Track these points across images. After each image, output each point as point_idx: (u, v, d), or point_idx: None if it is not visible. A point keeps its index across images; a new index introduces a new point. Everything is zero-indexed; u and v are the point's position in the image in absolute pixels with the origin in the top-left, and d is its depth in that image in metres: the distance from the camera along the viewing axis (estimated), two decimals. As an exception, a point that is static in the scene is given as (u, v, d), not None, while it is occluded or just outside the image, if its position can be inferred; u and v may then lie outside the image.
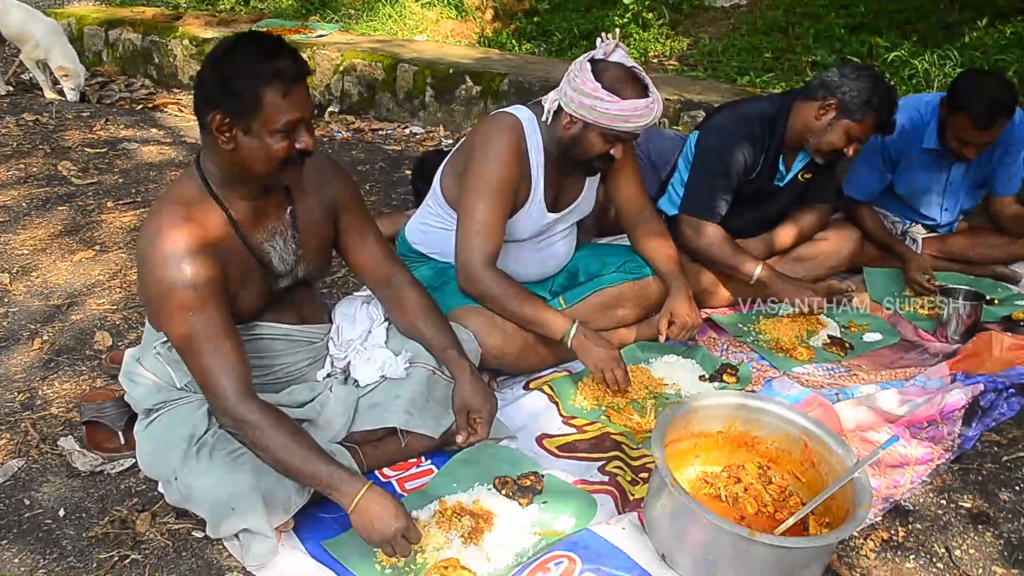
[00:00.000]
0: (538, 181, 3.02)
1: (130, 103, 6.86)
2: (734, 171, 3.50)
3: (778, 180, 3.64)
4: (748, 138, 3.50)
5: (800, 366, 3.32)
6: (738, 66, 6.38)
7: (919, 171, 3.94)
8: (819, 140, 3.45)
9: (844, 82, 3.38)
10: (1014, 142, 3.88)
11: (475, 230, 2.92)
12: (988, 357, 3.33)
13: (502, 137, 2.91)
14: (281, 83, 2.17)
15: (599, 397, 3.06)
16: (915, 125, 3.87)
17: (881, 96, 3.34)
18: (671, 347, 3.38)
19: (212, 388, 2.26)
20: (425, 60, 6.19)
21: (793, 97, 3.56)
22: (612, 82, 2.80)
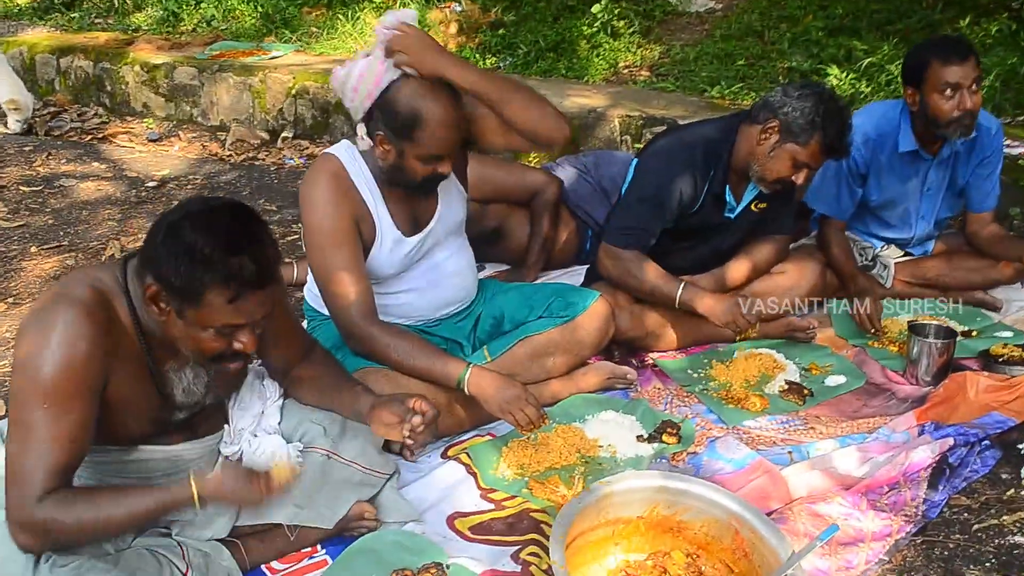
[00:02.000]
0: (379, 213, 2.78)
1: (80, 133, 6.59)
2: (669, 203, 3.18)
3: (728, 212, 3.32)
4: (688, 167, 3.18)
5: (752, 419, 3.00)
6: (709, 76, 6.04)
7: (893, 179, 3.61)
8: (763, 167, 3.13)
9: (787, 101, 3.06)
10: (991, 153, 3.56)
11: (337, 289, 2.70)
12: (963, 401, 3.01)
13: (317, 185, 2.71)
14: (232, 288, 1.88)
15: (524, 465, 2.75)
16: (882, 132, 3.55)
17: (828, 115, 3.01)
18: (609, 401, 3.07)
19: (14, 486, 1.94)
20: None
21: (740, 120, 3.23)
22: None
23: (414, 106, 2.55)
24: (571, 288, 3.19)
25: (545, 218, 3.92)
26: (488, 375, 2.70)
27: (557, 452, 2.80)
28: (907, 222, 3.73)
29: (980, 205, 3.68)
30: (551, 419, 2.95)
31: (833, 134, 3.03)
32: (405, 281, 2.92)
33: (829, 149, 3.06)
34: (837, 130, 3.03)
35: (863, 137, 3.54)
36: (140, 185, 5.34)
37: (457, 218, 2.98)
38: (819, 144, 3.04)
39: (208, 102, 6.46)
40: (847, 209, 3.65)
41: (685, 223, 3.27)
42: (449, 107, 2.57)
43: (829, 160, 3.45)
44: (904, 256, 3.82)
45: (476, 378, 2.69)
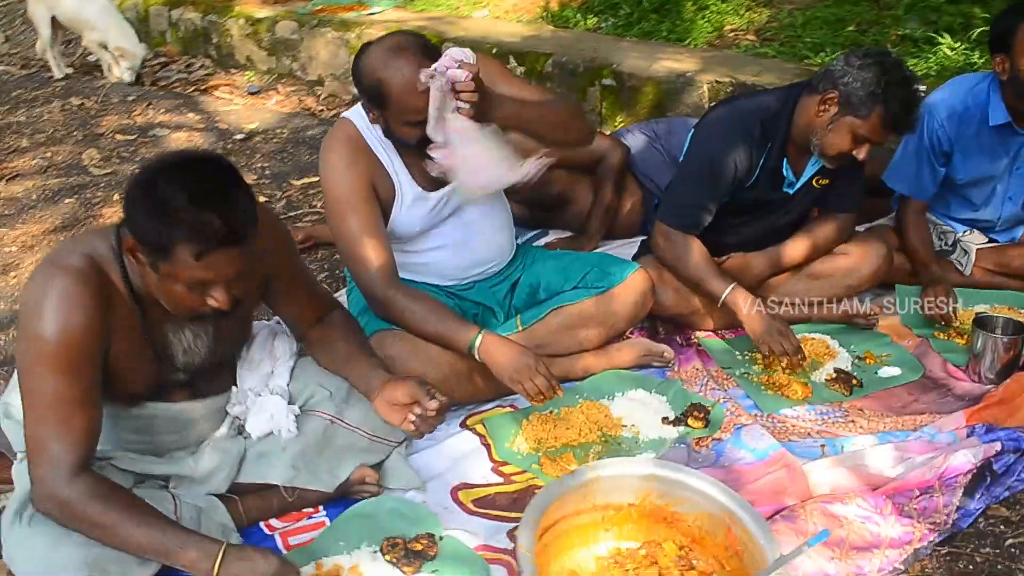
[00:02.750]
0: (397, 171, 2.73)
1: (185, 84, 6.72)
2: (723, 176, 3.01)
3: (787, 187, 3.13)
4: (743, 138, 3.00)
5: (791, 407, 2.83)
6: (814, 42, 5.74)
7: (981, 156, 3.36)
8: (822, 141, 2.94)
9: (848, 71, 2.86)
10: None
11: (356, 253, 2.67)
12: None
13: (332, 150, 2.69)
14: (198, 243, 1.85)
15: (541, 440, 2.67)
16: (970, 105, 3.30)
17: (891, 87, 2.80)
18: (643, 379, 2.95)
19: (39, 458, 1.97)
20: (470, 39, 5.80)
21: (800, 90, 3.04)
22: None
23: (376, 76, 2.52)
24: (611, 259, 3.07)
25: (608, 185, 3.80)
26: (500, 342, 2.63)
27: (577, 429, 2.71)
28: (993, 203, 3.46)
29: None
30: (578, 394, 2.88)
31: (896, 107, 2.82)
32: (434, 238, 2.86)
33: (892, 123, 2.85)
34: (901, 103, 2.82)
35: (949, 111, 3.30)
36: (228, 137, 5.41)
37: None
38: (880, 118, 2.83)
39: (307, 56, 6.49)
40: (928, 189, 3.41)
41: (741, 198, 3.10)
42: (411, 72, 2.47)
43: (908, 136, 3.25)
44: (988, 242, 3.55)
45: (488, 345, 2.62)
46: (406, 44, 2.55)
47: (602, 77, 5.23)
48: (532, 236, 3.98)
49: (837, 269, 3.22)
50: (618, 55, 5.35)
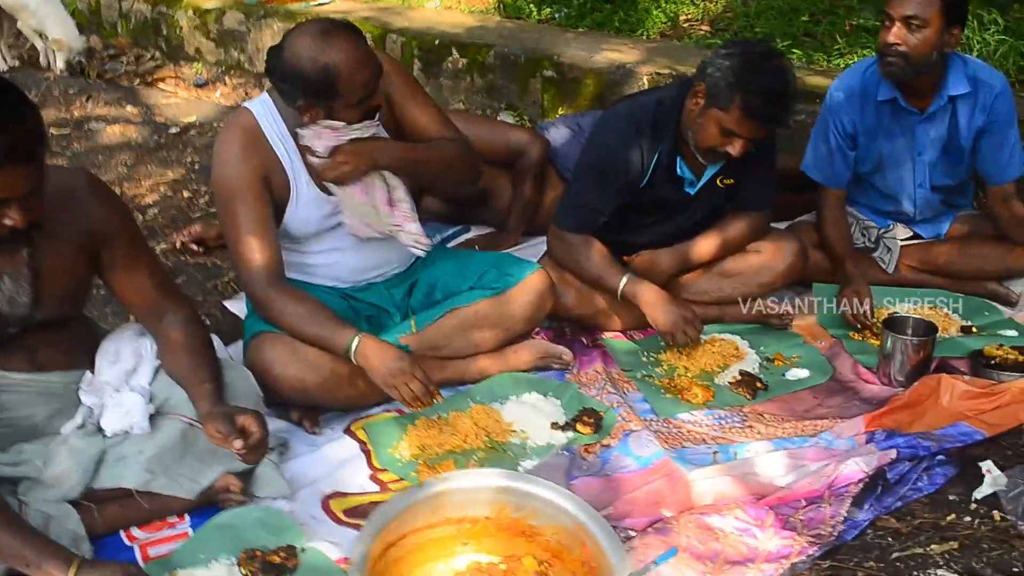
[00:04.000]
0: (295, 169, 2.63)
1: (131, 77, 6.60)
2: (614, 176, 2.91)
3: (688, 187, 3.01)
4: (634, 137, 2.90)
5: (688, 412, 2.73)
6: (764, 32, 5.63)
7: (880, 139, 3.26)
8: (695, 136, 2.84)
9: (714, 62, 2.75)
10: (997, 116, 3.17)
11: (240, 249, 2.56)
12: (932, 407, 2.69)
13: (227, 140, 2.60)
14: None
15: (424, 446, 2.56)
16: (867, 83, 3.21)
17: (752, 76, 2.67)
18: (540, 382, 2.84)
19: None
20: (413, 31, 5.69)
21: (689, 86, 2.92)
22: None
23: (322, 63, 2.40)
24: (511, 259, 2.96)
25: (527, 181, 3.69)
26: (378, 346, 2.53)
27: (463, 435, 2.61)
28: (903, 191, 3.34)
29: (994, 176, 3.28)
30: (471, 397, 2.78)
31: (755, 97, 2.67)
32: (329, 240, 2.76)
33: (754, 114, 2.70)
34: (761, 93, 2.67)
35: (848, 92, 3.23)
36: (163, 131, 5.30)
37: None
38: (740, 109, 2.70)
39: (254, 48, 6.37)
40: (842, 175, 3.31)
41: (641, 198, 3.00)
42: (354, 47, 2.44)
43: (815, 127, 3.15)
44: (913, 238, 3.43)
45: (365, 348, 2.52)
46: (329, 25, 2.47)
47: (543, 68, 5.11)
48: (453, 232, 3.87)
49: (749, 267, 3.11)
50: (561, 46, 5.23)
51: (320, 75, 2.40)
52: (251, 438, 2.16)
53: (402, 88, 2.76)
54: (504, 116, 5.18)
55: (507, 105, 5.29)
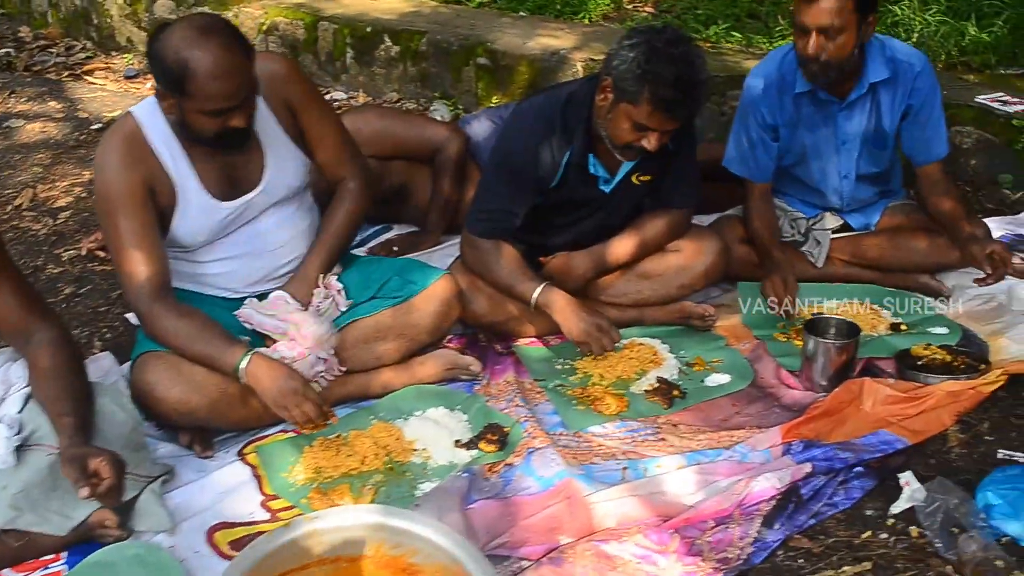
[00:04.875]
0: (180, 175, 2.48)
1: (61, 69, 6.37)
2: (525, 176, 2.77)
3: (603, 185, 2.88)
4: (544, 134, 2.76)
5: (600, 424, 2.60)
6: (706, 14, 5.49)
7: (802, 130, 3.14)
8: (608, 132, 2.69)
9: (619, 54, 2.60)
10: (920, 96, 3.06)
11: (123, 262, 2.44)
12: (854, 413, 2.58)
13: (108, 146, 2.46)
14: None
15: (320, 469, 2.43)
16: (784, 73, 3.08)
17: (657, 65, 2.51)
18: (447, 395, 2.71)
19: None
20: (346, 17, 5.51)
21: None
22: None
23: (181, 56, 2.25)
24: (416, 265, 2.83)
25: (446, 177, 3.54)
26: (269, 365, 2.40)
27: (361, 456, 2.47)
28: (828, 182, 3.22)
29: (921, 156, 3.17)
30: (373, 414, 2.65)
31: (663, 88, 2.51)
32: (220, 249, 2.62)
33: (665, 106, 2.55)
34: (668, 83, 2.51)
35: (765, 82, 3.10)
36: (84, 128, 5.10)
37: (291, 183, 2.64)
38: (649, 101, 2.55)
39: (186, 37, 6.17)
40: (766, 168, 3.18)
41: (554, 197, 2.86)
42: (222, 55, 2.27)
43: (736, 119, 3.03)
44: (843, 228, 3.31)
45: (254, 367, 2.39)
46: (214, 25, 2.32)
47: (476, 56, 4.96)
48: (374, 232, 3.72)
49: (668, 268, 2.98)
50: (495, 32, 5.08)
51: (175, 67, 2.26)
52: (101, 485, 2.02)
53: (303, 99, 2.62)
54: (438, 105, 5.02)
55: (441, 94, 5.14)
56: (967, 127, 3.89)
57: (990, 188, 3.88)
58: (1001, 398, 2.66)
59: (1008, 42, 4.41)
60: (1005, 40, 4.39)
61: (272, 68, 2.56)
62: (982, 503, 2.20)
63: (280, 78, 2.57)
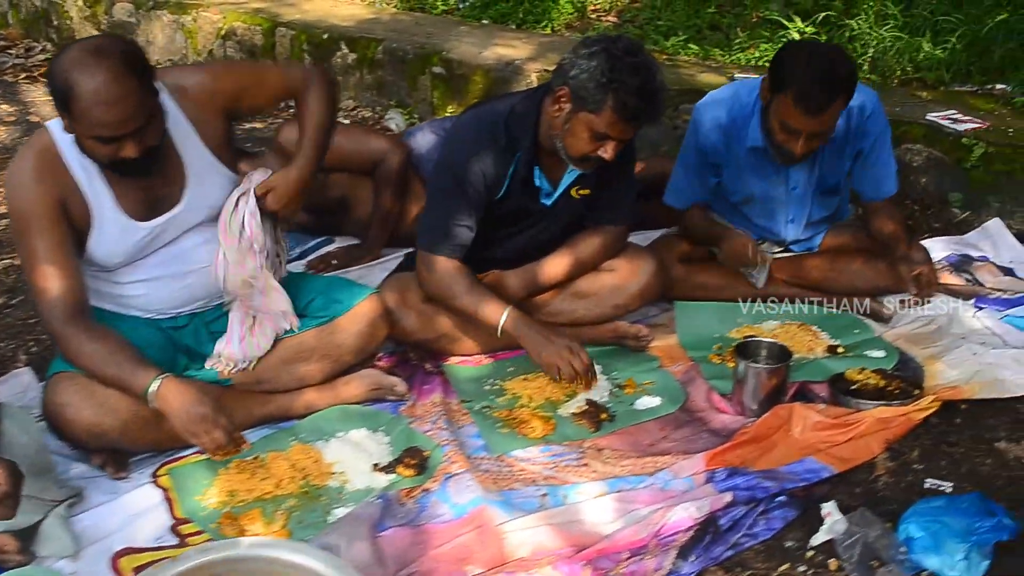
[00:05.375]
0: (95, 194, 2.39)
1: (19, 71, 6.30)
2: (473, 189, 2.71)
3: (545, 198, 2.84)
4: (488, 147, 2.71)
5: (523, 448, 2.55)
6: (666, 25, 5.46)
7: (751, 176, 3.09)
8: (564, 143, 2.65)
9: (575, 63, 2.56)
10: (870, 139, 3.02)
11: (37, 282, 2.36)
12: (782, 440, 2.54)
13: (21, 160, 2.39)
14: None
15: (234, 492, 2.37)
16: (735, 118, 3.03)
17: (621, 73, 2.49)
18: (372, 415, 2.66)
19: None
20: (304, 22, 5.46)
21: (545, 90, 2.74)
22: None
23: (69, 78, 2.17)
24: (342, 284, 2.77)
25: (387, 190, 3.49)
26: (180, 388, 2.32)
27: (277, 479, 2.41)
28: (776, 224, 3.20)
29: (869, 194, 3.15)
30: (294, 435, 2.59)
31: (629, 96, 2.50)
32: (140, 270, 2.53)
33: (628, 113, 2.53)
34: (634, 90, 2.50)
35: (714, 123, 3.04)
36: (33, 132, 5.02)
37: (215, 202, 2.55)
38: (614, 109, 2.52)
39: (145, 41, 6.09)
40: (702, 197, 3.15)
41: (496, 211, 2.81)
42: (109, 81, 2.15)
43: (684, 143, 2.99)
44: (785, 251, 3.28)
45: (165, 391, 2.31)
46: (109, 48, 2.22)
47: (432, 65, 4.91)
48: (315, 244, 3.67)
49: (603, 287, 2.94)
50: (452, 41, 5.04)
51: (63, 88, 2.19)
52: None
53: (235, 88, 2.53)
54: (393, 114, 4.98)
55: (397, 102, 5.09)
56: (917, 145, 3.86)
57: (939, 207, 3.85)
58: (934, 424, 2.62)
59: (963, 58, 4.39)
60: (959, 56, 4.37)
61: (196, 81, 2.49)
62: (904, 535, 2.15)
63: (207, 90, 2.49)
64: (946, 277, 3.37)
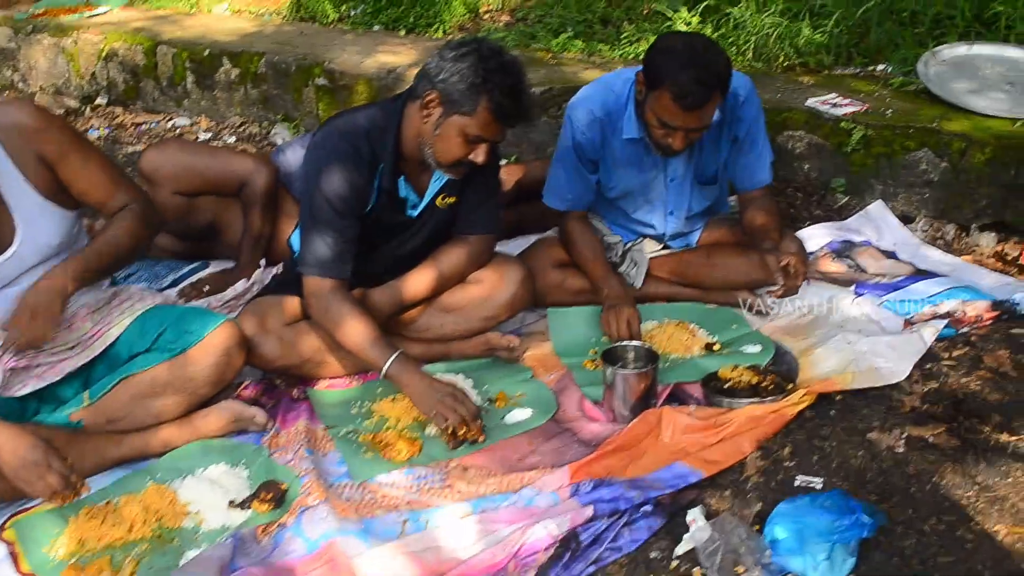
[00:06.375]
0: None
1: None
2: (345, 205, 2.63)
3: (411, 209, 2.76)
4: (352, 160, 2.62)
5: (387, 472, 2.46)
6: (557, 22, 5.39)
7: (628, 169, 3.04)
8: (435, 149, 2.58)
9: (443, 66, 2.51)
10: (746, 125, 2.98)
11: None
12: (652, 446, 2.49)
13: None
14: None
15: (84, 541, 2.26)
16: (610, 111, 2.96)
17: (492, 74, 2.47)
18: (234, 448, 2.56)
19: None
20: (186, 40, 5.32)
21: (405, 98, 2.67)
22: None
23: None
24: (196, 313, 2.66)
25: (255, 212, 3.38)
26: (8, 434, 2.23)
27: (129, 524, 2.31)
28: (655, 217, 3.15)
29: (744, 183, 3.10)
30: (151, 475, 2.49)
31: (502, 96, 2.48)
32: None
33: (502, 114, 2.51)
34: (506, 91, 2.48)
35: (589, 117, 2.97)
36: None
37: (49, 241, 2.44)
38: (488, 110, 2.49)
39: (27, 66, 5.91)
40: (583, 198, 3.09)
41: (364, 225, 2.72)
42: None
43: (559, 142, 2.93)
44: (662, 249, 3.23)
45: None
46: None
47: (315, 76, 4.80)
48: (190, 270, 3.56)
49: (471, 299, 2.87)
50: (334, 51, 4.94)
51: None
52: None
53: (59, 150, 2.40)
54: (279, 128, 4.87)
55: (284, 116, 4.98)
56: (799, 131, 3.83)
57: (823, 193, 3.83)
58: (807, 419, 2.59)
59: (844, 41, 4.38)
60: (840, 39, 4.36)
61: (18, 120, 2.37)
62: (770, 537, 2.11)
63: (28, 131, 2.37)
64: (827, 264, 3.36)
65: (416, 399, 2.59)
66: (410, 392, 2.60)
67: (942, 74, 3.94)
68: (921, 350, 2.81)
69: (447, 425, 2.52)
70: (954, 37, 4.13)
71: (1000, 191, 3.50)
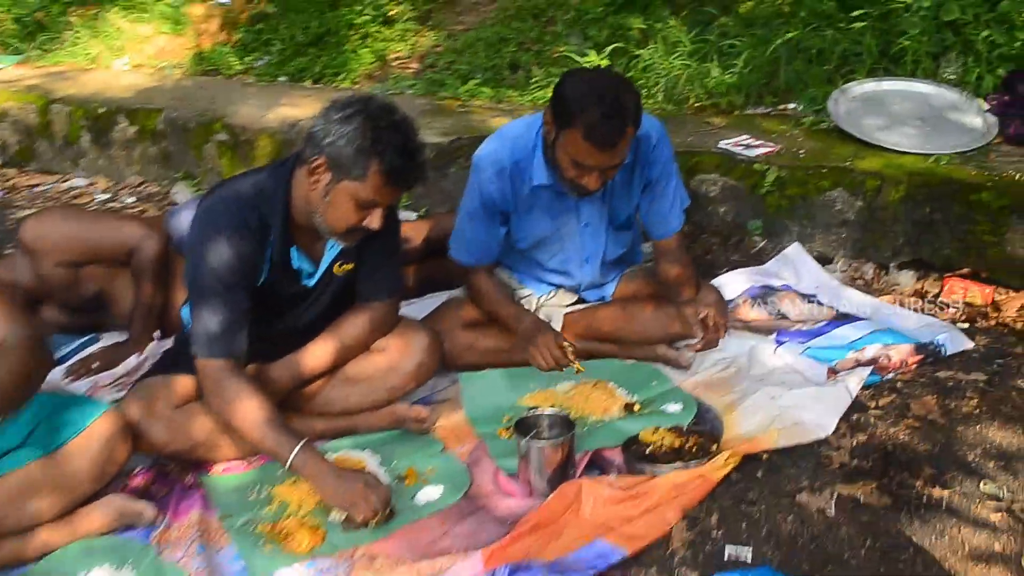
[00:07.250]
0: None
1: None
2: (236, 282, 2.45)
3: (307, 279, 2.59)
4: (239, 232, 2.44)
5: (288, 565, 2.27)
6: (466, 68, 5.29)
7: (541, 216, 2.91)
8: (325, 218, 2.41)
9: (329, 130, 2.34)
10: (658, 168, 2.87)
11: None
12: (572, 522, 2.34)
13: None
14: None
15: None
16: (518, 159, 2.83)
17: (382, 134, 2.31)
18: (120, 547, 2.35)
19: None
20: (82, 97, 5.11)
21: (294, 162, 2.51)
22: None
23: None
24: (73, 403, 2.45)
25: (145, 281, 3.18)
26: None
27: (-3, 641, 2.08)
28: (570, 267, 3.02)
29: (658, 230, 2.99)
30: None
31: (394, 157, 2.32)
32: None
33: (397, 177, 2.35)
34: (398, 151, 2.32)
35: (497, 167, 2.83)
36: None
37: None
38: (380, 174, 2.33)
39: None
40: (491, 251, 2.96)
41: (257, 297, 2.54)
42: None
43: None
44: (578, 302, 3.11)
45: None
46: None
47: (215, 132, 4.62)
48: (80, 344, 3.33)
49: (376, 369, 2.71)
50: (234, 105, 4.77)
51: None
52: None
53: None
54: (179, 187, 4.66)
55: (185, 173, 4.79)
56: (712, 175, 3.75)
57: (740, 237, 3.75)
58: (734, 481, 2.47)
59: (754, 81, 4.33)
60: (750, 79, 4.31)
61: None
62: (698, 618, 1.97)
63: None
64: (747, 312, 3.26)
65: (325, 494, 2.40)
66: (318, 485, 2.40)
67: (853, 111, 3.90)
68: (847, 401, 2.72)
69: (362, 519, 2.34)
70: (863, 74, 4.10)
71: (916, 228, 3.45)
